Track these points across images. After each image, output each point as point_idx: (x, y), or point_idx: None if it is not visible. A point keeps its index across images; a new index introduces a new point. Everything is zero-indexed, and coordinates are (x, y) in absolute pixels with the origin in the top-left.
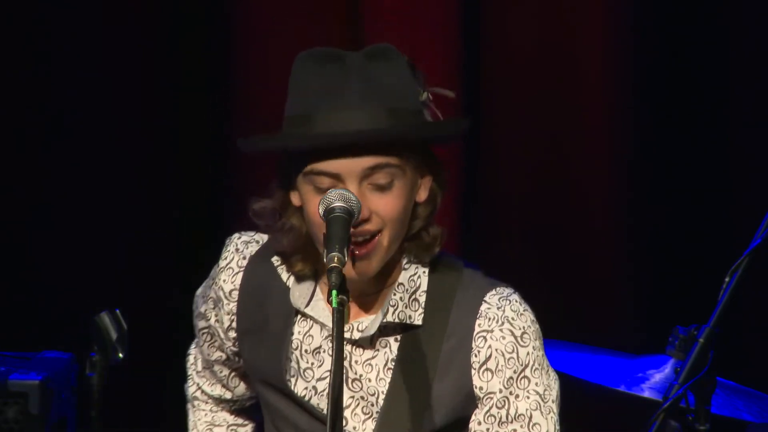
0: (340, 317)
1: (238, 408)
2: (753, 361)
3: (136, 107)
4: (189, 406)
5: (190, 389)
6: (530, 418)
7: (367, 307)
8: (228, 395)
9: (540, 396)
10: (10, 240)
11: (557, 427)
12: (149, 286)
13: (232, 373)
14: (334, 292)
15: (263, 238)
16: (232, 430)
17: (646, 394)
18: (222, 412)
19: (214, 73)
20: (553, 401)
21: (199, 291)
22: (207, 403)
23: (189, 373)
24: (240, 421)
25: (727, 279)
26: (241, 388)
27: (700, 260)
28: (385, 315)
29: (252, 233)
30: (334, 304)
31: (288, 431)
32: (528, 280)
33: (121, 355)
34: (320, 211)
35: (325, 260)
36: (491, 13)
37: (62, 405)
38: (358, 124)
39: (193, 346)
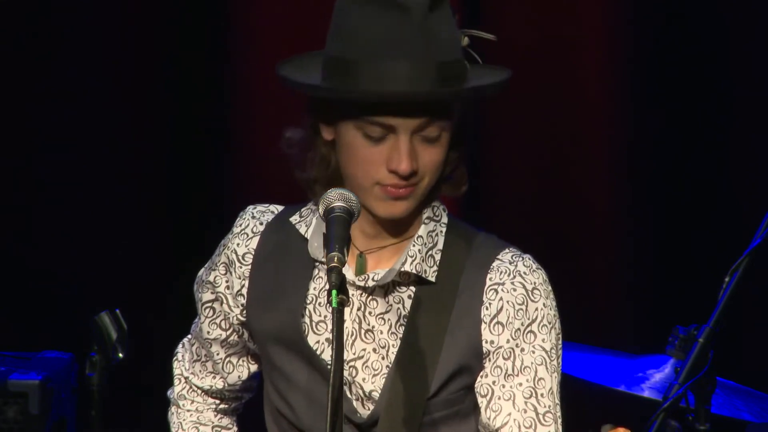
0: (340, 317)
1: (225, 407)
2: (753, 361)
3: (135, 106)
4: (172, 410)
5: (176, 389)
6: (536, 372)
7: (384, 259)
8: (219, 384)
9: (546, 353)
10: (10, 240)
11: (558, 389)
12: (149, 286)
13: (228, 356)
14: (334, 292)
15: (278, 208)
16: (216, 430)
17: (646, 394)
18: (207, 411)
19: (213, 71)
20: (558, 362)
21: (204, 267)
22: (194, 402)
23: (176, 372)
24: (225, 422)
25: (727, 279)
26: (235, 374)
27: (699, 260)
28: (403, 264)
29: (267, 205)
30: (334, 304)
31: (290, 393)
32: None
33: (121, 355)
34: (320, 210)
35: (325, 260)
36: (491, 11)
37: (62, 405)
38: (407, 77)
39: (180, 346)
